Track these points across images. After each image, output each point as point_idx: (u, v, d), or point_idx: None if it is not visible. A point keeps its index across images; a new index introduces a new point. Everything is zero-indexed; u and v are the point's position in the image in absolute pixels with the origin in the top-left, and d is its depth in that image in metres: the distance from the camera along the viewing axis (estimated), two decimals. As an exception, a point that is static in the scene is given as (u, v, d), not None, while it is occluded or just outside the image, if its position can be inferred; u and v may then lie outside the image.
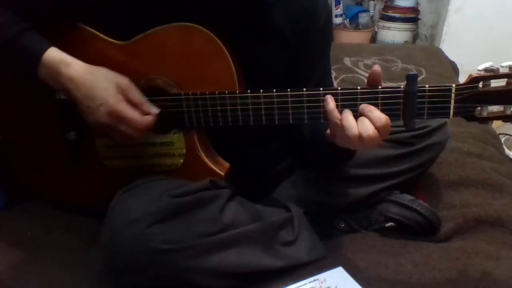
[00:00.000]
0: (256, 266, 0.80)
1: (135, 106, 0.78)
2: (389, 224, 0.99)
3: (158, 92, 0.82)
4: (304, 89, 0.76)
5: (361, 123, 0.70)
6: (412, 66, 1.89)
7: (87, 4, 0.80)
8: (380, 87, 0.73)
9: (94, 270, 0.83)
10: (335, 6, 3.06)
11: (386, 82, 1.73)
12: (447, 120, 1.02)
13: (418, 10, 2.99)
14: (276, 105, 0.78)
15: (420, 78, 1.72)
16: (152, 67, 0.82)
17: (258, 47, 0.85)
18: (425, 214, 0.95)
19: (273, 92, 0.77)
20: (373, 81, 0.73)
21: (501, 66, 0.70)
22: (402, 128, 0.91)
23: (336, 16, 3.07)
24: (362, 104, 0.72)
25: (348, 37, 2.95)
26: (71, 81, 0.76)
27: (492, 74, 0.70)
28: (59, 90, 0.81)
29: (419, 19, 3.03)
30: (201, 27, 0.78)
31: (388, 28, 2.97)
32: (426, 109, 0.72)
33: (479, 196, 1.06)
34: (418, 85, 0.71)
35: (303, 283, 0.82)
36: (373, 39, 3.11)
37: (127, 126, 0.77)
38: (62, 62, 0.76)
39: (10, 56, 0.77)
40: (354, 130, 0.69)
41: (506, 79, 0.70)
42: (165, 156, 0.86)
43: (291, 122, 0.78)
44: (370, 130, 0.69)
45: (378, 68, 0.72)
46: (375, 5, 3.17)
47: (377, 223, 0.99)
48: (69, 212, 0.98)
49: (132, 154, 0.87)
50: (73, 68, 0.76)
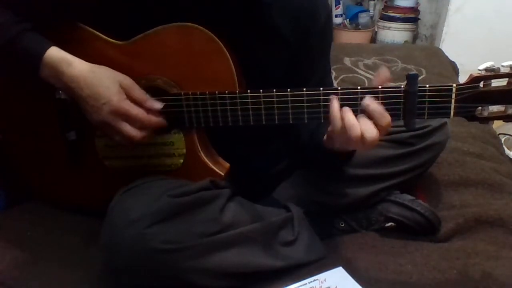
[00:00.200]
0: (256, 266, 0.80)
1: (139, 104, 0.78)
2: (389, 224, 0.99)
3: (158, 92, 0.82)
4: (304, 89, 0.76)
5: (364, 123, 0.69)
6: (412, 66, 1.89)
7: (87, 4, 0.80)
8: (380, 87, 0.73)
9: (94, 270, 0.83)
10: (335, 6, 3.07)
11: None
12: (447, 120, 1.02)
13: (418, 10, 3.00)
14: (276, 105, 0.78)
15: (420, 78, 1.71)
16: (152, 67, 0.82)
17: (258, 47, 0.85)
18: (425, 214, 0.95)
19: (273, 92, 0.77)
20: (379, 83, 0.73)
21: (502, 66, 0.70)
22: (402, 128, 0.91)
23: (336, 16, 3.07)
24: (366, 98, 0.71)
25: (348, 37, 2.95)
26: (74, 81, 0.76)
27: (493, 74, 0.70)
28: (60, 90, 0.81)
29: (419, 19, 3.03)
30: (201, 27, 0.77)
31: (388, 28, 2.97)
32: (427, 109, 0.72)
33: (479, 196, 1.06)
34: (419, 85, 0.71)
35: (303, 283, 0.82)
36: (373, 39, 3.11)
37: (132, 125, 0.77)
38: (64, 61, 0.76)
39: (11, 56, 0.77)
40: (356, 130, 0.69)
41: (507, 79, 0.70)
42: (165, 156, 0.86)
43: (291, 122, 0.78)
44: (373, 132, 0.69)
45: (387, 73, 0.71)
46: (375, 5, 3.18)
47: (377, 223, 0.99)
48: (69, 212, 0.98)
49: (132, 154, 0.87)
50: (75, 67, 0.76)
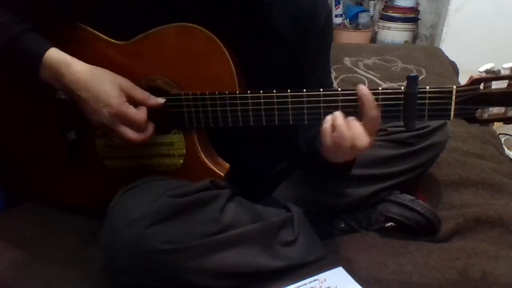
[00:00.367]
0: (256, 266, 0.80)
1: (140, 104, 0.78)
2: (389, 224, 0.99)
3: (158, 92, 0.81)
4: (304, 90, 0.76)
5: (350, 130, 0.70)
6: (412, 66, 1.89)
7: (87, 4, 0.80)
8: (380, 88, 0.72)
9: (94, 270, 0.83)
10: (335, 6, 3.07)
11: (386, 83, 1.73)
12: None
13: (418, 10, 3.00)
14: (276, 106, 0.78)
15: (420, 78, 1.72)
16: (152, 67, 0.82)
17: (258, 47, 0.85)
18: (425, 214, 0.95)
19: (273, 93, 0.77)
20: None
21: (503, 68, 0.70)
22: (402, 128, 0.91)
23: (336, 16, 3.08)
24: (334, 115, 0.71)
25: (348, 37, 2.95)
26: (73, 82, 0.76)
27: (493, 76, 0.70)
28: (60, 91, 0.81)
29: (419, 19, 3.03)
30: (201, 27, 0.77)
31: (388, 28, 2.97)
32: (427, 111, 0.72)
33: (479, 196, 1.06)
34: (419, 87, 0.71)
35: (303, 283, 0.82)
36: (373, 39, 3.12)
37: (131, 128, 0.77)
38: (63, 63, 0.76)
39: (11, 57, 0.77)
40: (346, 142, 0.69)
41: (507, 81, 0.70)
42: (165, 156, 0.86)
43: (291, 123, 0.78)
44: (362, 139, 0.69)
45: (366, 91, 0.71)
46: (375, 5, 3.18)
47: (377, 223, 0.99)
48: (69, 212, 0.98)
49: (132, 154, 0.87)
50: (75, 69, 0.76)
